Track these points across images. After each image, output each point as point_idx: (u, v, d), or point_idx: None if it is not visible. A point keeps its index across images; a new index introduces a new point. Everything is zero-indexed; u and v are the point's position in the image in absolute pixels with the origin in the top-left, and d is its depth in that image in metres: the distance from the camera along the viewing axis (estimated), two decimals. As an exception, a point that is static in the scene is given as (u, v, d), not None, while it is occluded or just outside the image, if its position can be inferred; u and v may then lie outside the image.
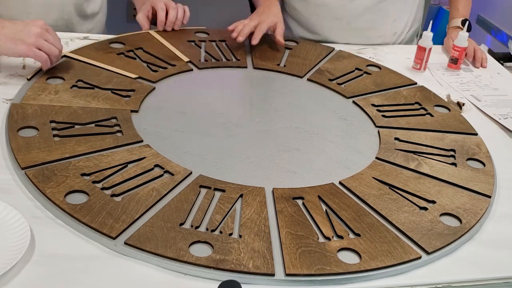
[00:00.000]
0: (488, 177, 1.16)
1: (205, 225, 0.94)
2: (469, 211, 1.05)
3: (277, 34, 1.55)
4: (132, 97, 1.26)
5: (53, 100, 1.20)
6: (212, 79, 1.42)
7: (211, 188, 1.03)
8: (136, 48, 1.46)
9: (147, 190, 1.00)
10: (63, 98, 1.21)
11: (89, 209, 0.94)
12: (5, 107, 1.18)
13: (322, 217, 0.99)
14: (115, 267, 0.86)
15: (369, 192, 1.07)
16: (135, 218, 0.93)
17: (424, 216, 1.03)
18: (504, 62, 1.74)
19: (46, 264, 0.85)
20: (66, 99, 1.21)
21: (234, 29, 1.52)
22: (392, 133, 1.27)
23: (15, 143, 1.06)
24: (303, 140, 1.22)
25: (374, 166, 1.15)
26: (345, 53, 1.61)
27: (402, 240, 0.97)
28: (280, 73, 1.48)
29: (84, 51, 1.41)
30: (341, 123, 1.30)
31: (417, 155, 1.20)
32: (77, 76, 1.30)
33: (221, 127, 1.23)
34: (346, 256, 0.92)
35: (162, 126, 1.20)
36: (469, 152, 1.23)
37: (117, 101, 1.24)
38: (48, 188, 0.97)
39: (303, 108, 1.35)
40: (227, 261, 0.88)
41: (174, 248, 0.89)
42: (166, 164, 1.07)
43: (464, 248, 0.99)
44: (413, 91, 1.45)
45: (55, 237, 0.90)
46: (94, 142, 1.10)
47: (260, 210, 0.99)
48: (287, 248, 0.92)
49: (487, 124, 1.38)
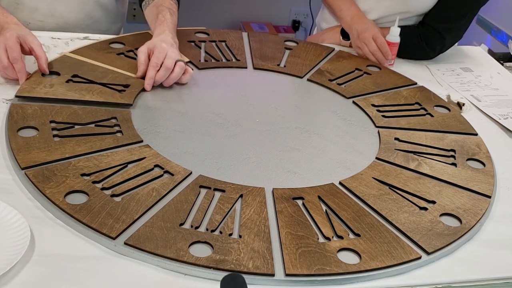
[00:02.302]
0: (488, 177, 1.16)
1: (205, 225, 0.94)
2: (469, 211, 1.05)
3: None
4: (127, 91, 1.27)
5: (48, 93, 1.21)
6: (212, 79, 1.42)
7: (211, 188, 1.03)
8: (136, 48, 1.46)
9: (147, 190, 1.00)
10: (58, 91, 1.22)
11: (89, 209, 0.94)
12: (5, 107, 1.18)
13: (322, 217, 0.99)
14: (115, 267, 0.86)
15: (369, 192, 1.07)
16: (135, 218, 0.93)
17: (424, 216, 1.03)
18: (504, 62, 1.74)
19: (46, 264, 0.85)
20: (61, 92, 1.22)
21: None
22: (392, 133, 1.27)
23: (15, 143, 1.06)
24: (303, 140, 1.22)
25: (374, 166, 1.15)
26: (345, 53, 1.61)
27: (402, 240, 0.97)
28: (280, 73, 1.48)
29: (84, 51, 1.41)
30: (341, 123, 1.30)
31: (417, 155, 1.20)
32: (73, 72, 1.30)
33: (221, 127, 1.23)
34: (346, 256, 0.92)
35: (162, 126, 1.20)
36: (469, 152, 1.23)
37: (111, 94, 1.24)
38: (48, 188, 0.97)
39: (303, 108, 1.35)
40: (227, 261, 0.88)
41: (174, 248, 0.89)
42: (166, 164, 1.07)
43: (464, 248, 0.99)
44: (413, 91, 1.45)
45: (55, 237, 0.90)
46: (94, 142, 1.10)
47: (260, 210, 0.99)
48: (287, 248, 0.92)
49: (487, 124, 1.38)
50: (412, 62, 1.61)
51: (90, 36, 1.52)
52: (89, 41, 1.48)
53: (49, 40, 1.45)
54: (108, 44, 1.46)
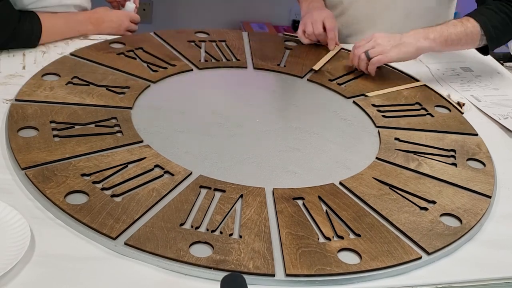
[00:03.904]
0: (488, 177, 1.16)
1: (205, 225, 0.94)
2: (469, 211, 1.05)
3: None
4: (127, 94, 1.27)
5: (48, 97, 1.21)
6: (212, 79, 1.41)
7: (211, 188, 1.03)
8: (136, 48, 1.46)
9: (147, 191, 1.00)
10: (58, 95, 1.22)
11: (89, 209, 0.94)
12: (5, 107, 1.18)
13: (322, 218, 0.99)
14: (115, 268, 0.86)
15: (369, 192, 1.07)
16: (135, 218, 0.93)
17: (425, 216, 1.03)
18: (504, 62, 1.74)
19: (46, 265, 0.85)
20: (61, 96, 1.22)
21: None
22: (392, 133, 1.27)
23: (15, 143, 1.06)
24: (303, 140, 1.22)
25: (374, 166, 1.15)
26: (345, 53, 1.61)
27: (402, 241, 0.97)
28: (280, 73, 1.48)
29: (84, 51, 1.41)
30: (341, 123, 1.30)
31: (417, 155, 1.20)
32: (73, 73, 1.30)
33: (221, 127, 1.23)
34: (347, 257, 0.92)
35: (162, 126, 1.20)
36: (469, 152, 1.23)
37: (111, 97, 1.24)
38: (48, 189, 0.97)
39: (303, 108, 1.35)
40: (227, 261, 0.88)
41: (174, 249, 0.89)
42: (166, 164, 1.07)
43: (465, 249, 0.99)
44: (413, 91, 1.45)
45: (55, 237, 0.90)
46: (94, 142, 1.10)
47: (260, 210, 0.99)
48: (287, 248, 0.92)
49: (487, 124, 1.38)
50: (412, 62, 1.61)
51: (90, 36, 1.52)
52: (89, 41, 1.48)
53: (49, 40, 1.45)
54: (108, 44, 1.46)
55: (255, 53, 1.54)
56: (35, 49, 1.41)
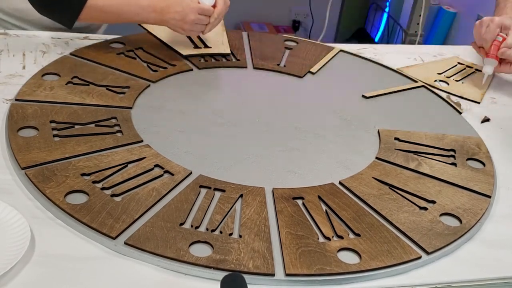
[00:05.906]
0: (488, 177, 1.16)
1: (205, 225, 0.94)
2: (469, 211, 1.05)
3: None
4: (127, 93, 1.27)
5: (48, 96, 1.21)
6: (212, 79, 1.42)
7: (211, 188, 1.03)
8: (136, 48, 1.46)
9: (147, 190, 1.00)
10: (58, 95, 1.22)
11: (89, 209, 0.94)
12: (5, 107, 1.18)
13: (322, 217, 0.99)
14: (115, 267, 0.86)
15: (369, 192, 1.07)
16: (135, 218, 0.93)
17: (424, 216, 1.03)
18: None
19: (46, 264, 0.85)
20: (61, 95, 1.22)
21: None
22: (392, 133, 1.27)
23: (15, 143, 1.06)
24: (303, 140, 1.22)
25: (374, 166, 1.15)
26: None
27: (402, 240, 0.97)
28: (280, 73, 1.48)
29: (84, 51, 1.41)
30: (341, 123, 1.30)
31: (417, 155, 1.20)
32: (73, 73, 1.30)
33: (221, 127, 1.23)
34: (346, 256, 0.92)
35: (162, 126, 1.20)
36: (469, 152, 1.23)
37: (111, 97, 1.24)
38: (48, 188, 0.97)
39: (303, 108, 1.35)
40: (227, 261, 0.88)
41: (174, 248, 0.89)
42: (166, 164, 1.07)
43: (464, 248, 0.99)
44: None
45: (55, 237, 0.90)
46: (94, 142, 1.10)
47: (260, 210, 0.99)
48: (287, 248, 0.92)
49: (487, 124, 1.38)
50: (411, 60, 1.61)
51: (90, 36, 1.52)
52: (89, 41, 1.48)
53: (49, 40, 1.45)
54: (108, 44, 1.47)
55: (255, 53, 1.54)
56: (35, 49, 1.41)
